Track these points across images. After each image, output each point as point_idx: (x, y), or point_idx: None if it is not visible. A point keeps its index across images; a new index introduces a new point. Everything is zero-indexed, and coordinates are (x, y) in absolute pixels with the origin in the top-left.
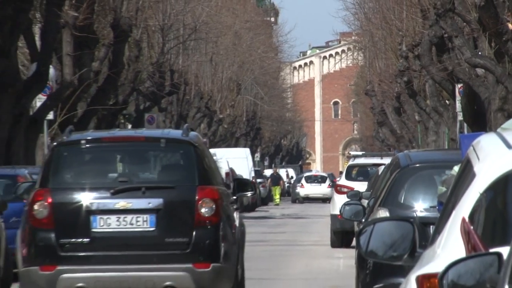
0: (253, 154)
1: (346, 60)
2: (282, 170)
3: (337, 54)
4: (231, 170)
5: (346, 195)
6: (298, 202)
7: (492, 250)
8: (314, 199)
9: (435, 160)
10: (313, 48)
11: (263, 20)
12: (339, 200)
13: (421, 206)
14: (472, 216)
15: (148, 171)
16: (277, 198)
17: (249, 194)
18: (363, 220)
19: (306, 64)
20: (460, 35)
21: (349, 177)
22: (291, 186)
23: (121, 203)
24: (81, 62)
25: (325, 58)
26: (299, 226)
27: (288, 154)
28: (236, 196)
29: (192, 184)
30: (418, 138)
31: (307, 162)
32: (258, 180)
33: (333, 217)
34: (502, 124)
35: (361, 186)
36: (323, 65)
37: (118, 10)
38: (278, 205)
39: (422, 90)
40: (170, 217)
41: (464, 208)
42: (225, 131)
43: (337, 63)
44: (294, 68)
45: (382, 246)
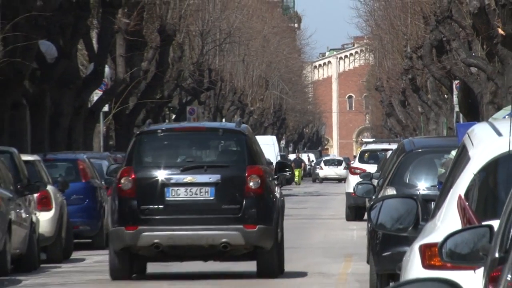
0: (279, 141)
1: (359, 60)
2: (304, 155)
3: (351, 55)
4: None
5: (359, 176)
6: (317, 181)
7: (484, 223)
8: (332, 179)
9: (435, 145)
10: (330, 50)
11: (288, 26)
12: (353, 180)
13: (423, 185)
14: (467, 193)
15: (209, 154)
16: (297, 178)
17: (287, 174)
18: (374, 197)
19: (324, 63)
20: (456, 39)
21: (361, 160)
22: (312, 168)
23: (188, 178)
24: (132, 62)
25: (341, 58)
26: (318, 202)
27: (309, 141)
28: (277, 175)
29: (242, 164)
30: (420, 127)
31: (326, 147)
32: (275, 163)
33: (347, 194)
34: (493, 115)
35: (372, 168)
36: (339, 64)
37: (164, 18)
38: (299, 184)
39: (424, 86)
40: (226, 189)
41: (460, 187)
42: (255, 122)
43: (351, 63)
44: (314, 67)
45: (389, 220)
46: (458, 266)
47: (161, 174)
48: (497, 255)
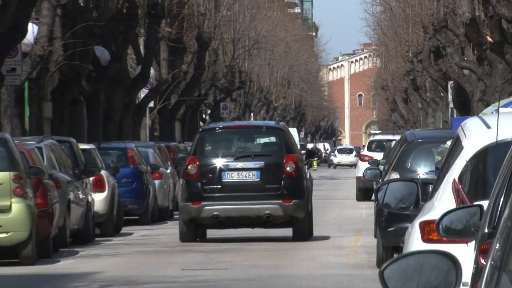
0: (299, 132)
1: (367, 63)
2: (320, 144)
3: (361, 59)
4: None
5: (367, 162)
6: (332, 167)
7: (475, 203)
8: (344, 165)
9: (433, 136)
10: (343, 54)
11: (307, 34)
12: (362, 166)
13: (422, 171)
14: (460, 178)
15: (255, 146)
16: (314, 164)
17: (315, 159)
18: (380, 180)
19: (338, 66)
20: (451, 45)
21: (369, 149)
22: (327, 155)
23: (239, 164)
24: (173, 65)
25: (352, 62)
26: (333, 185)
27: (325, 132)
28: (307, 160)
29: (281, 153)
30: (420, 120)
31: (339, 138)
32: (302, 151)
33: (357, 178)
34: (482, 110)
35: (378, 156)
36: (351, 67)
37: (201, 27)
38: (315, 170)
39: (423, 86)
40: (268, 172)
41: (454, 172)
42: (278, 116)
43: (361, 66)
44: (329, 69)
45: (394, 200)
46: (453, 240)
47: (219, 162)
48: (486, 231)
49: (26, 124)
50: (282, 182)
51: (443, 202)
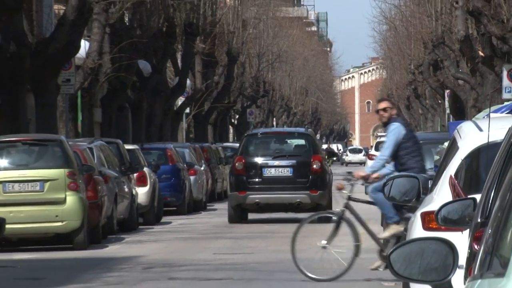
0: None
1: (375, 75)
2: (334, 145)
3: (369, 71)
4: None
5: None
6: (344, 165)
7: (469, 196)
8: (354, 163)
9: (432, 138)
10: (354, 67)
11: (322, 49)
12: (371, 164)
13: None
14: (456, 174)
15: (288, 147)
16: (330, 162)
17: (334, 159)
18: (386, 176)
19: (349, 77)
20: (448, 59)
21: (377, 149)
22: (340, 155)
23: (276, 162)
24: (206, 76)
25: (361, 73)
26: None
27: (338, 134)
28: (328, 159)
29: (309, 153)
30: (420, 124)
31: (350, 139)
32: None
33: None
34: (475, 115)
35: None
36: (360, 78)
37: (230, 43)
38: (330, 167)
39: (423, 94)
40: (299, 169)
41: (451, 169)
42: (297, 120)
43: (369, 77)
44: (342, 80)
45: (398, 193)
46: (450, 228)
47: (260, 160)
48: (479, 220)
49: (79, 127)
50: (310, 176)
51: (441, 196)
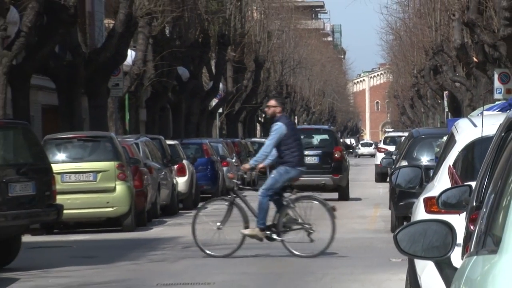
0: None
1: (383, 78)
2: (348, 140)
3: (378, 75)
4: None
5: (383, 153)
6: (357, 157)
7: (465, 184)
8: (366, 155)
9: (433, 133)
10: (364, 72)
11: (337, 56)
12: (380, 156)
13: (425, 159)
14: (454, 164)
15: (316, 140)
16: None
17: (351, 150)
18: (393, 167)
19: (360, 81)
20: (446, 64)
21: (385, 143)
22: (353, 148)
23: (306, 152)
24: (237, 80)
25: (371, 77)
26: (357, 170)
27: (351, 130)
28: (345, 150)
29: (332, 145)
30: (423, 121)
31: (362, 134)
32: None
33: (376, 165)
34: (470, 113)
35: (392, 148)
36: (370, 81)
37: (257, 52)
38: None
39: (425, 95)
40: (324, 157)
41: (450, 160)
42: (315, 118)
43: (378, 80)
44: (354, 83)
45: (404, 181)
46: (449, 211)
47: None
48: (474, 204)
49: (126, 125)
50: (332, 163)
51: (441, 183)
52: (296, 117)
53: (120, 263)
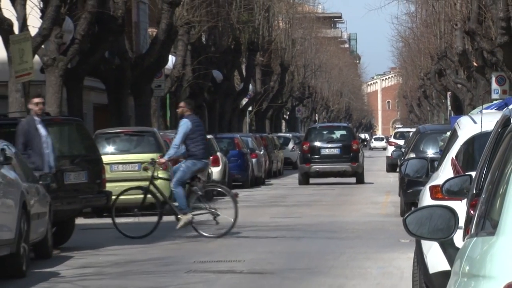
0: None
1: (393, 80)
2: (362, 135)
3: (389, 78)
4: None
5: (394, 146)
6: (370, 150)
7: (466, 173)
8: (378, 148)
9: (437, 129)
10: (377, 75)
11: (353, 61)
12: (390, 149)
13: (431, 152)
14: (456, 156)
15: (337, 135)
16: None
17: (365, 144)
18: (402, 158)
19: (373, 83)
20: (449, 68)
21: (395, 137)
22: (367, 142)
23: (329, 145)
24: (264, 82)
25: (383, 80)
26: (370, 161)
27: (365, 126)
28: (361, 144)
29: (350, 139)
30: (428, 118)
31: (374, 130)
32: None
33: (387, 157)
34: (471, 111)
35: (401, 142)
36: (382, 83)
37: (283, 57)
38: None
39: (430, 95)
40: (344, 149)
41: (453, 152)
42: (334, 116)
43: (389, 82)
44: (368, 85)
45: (412, 171)
46: (452, 198)
47: (318, 144)
48: (474, 192)
49: (167, 122)
50: (351, 154)
51: (445, 173)
52: (317, 114)
53: (161, 243)
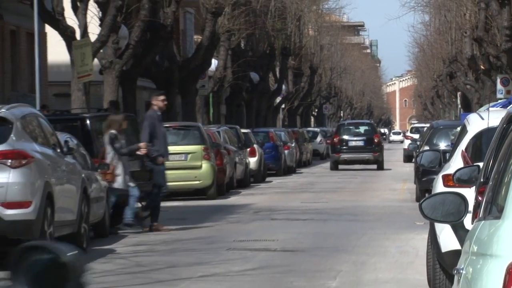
0: None
1: (410, 82)
2: (382, 129)
3: (406, 79)
4: None
5: (410, 140)
6: (389, 143)
7: (475, 164)
8: (396, 141)
9: (449, 125)
10: (395, 77)
11: (374, 65)
12: (407, 142)
13: (443, 145)
14: (466, 149)
15: (361, 130)
16: None
17: (384, 137)
18: (418, 151)
19: (392, 84)
20: (459, 71)
21: (411, 132)
22: (386, 136)
23: (355, 138)
24: (296, 83)
25: (400, 81)
26: (389, 153)
27: (384, 122)
28: (381, 136)
29: (373, 133)
30: (440, 115)
31: (393, 125)
32: None
33: (404, 149)
34: (479, 109)
35: (416, 136)
36: (400, 84)
37: (312, 61)
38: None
39: (442, 95)
40: (367, 141)
41: (463, 145)
42: (357, 113)
43: (406, 83)
44: (387, 85)
45: (426, 161)
46: (462, 185)
47: (346, 137)
48: (482, 180)
49: (210, 117)
50: (373, 145)
51: (456, 163)
52: (342, 111)
53: (204, 224)
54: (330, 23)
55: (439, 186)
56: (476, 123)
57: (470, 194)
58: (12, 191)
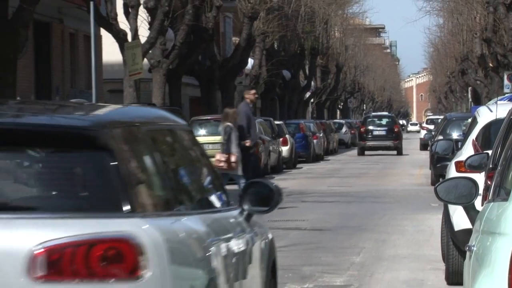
0: None
1: (425, 78)
2: (401, 121)
3: (422, 76)
4: None
5: (426, 130)
6: (407, 133)
7: (484, 152)
8: (413, 132)
9: (461, 116)
10: (412, 74)
11: (394, 63)
12: (423, 132)
13: (455, 134)
14: (476, 138)
15: (384, 121)
16: None
17: (403, 128)
18: (433, 139)
19: (409, 80)
20: (470, 68)
21: (427, 123)
22: (404, 126)
23: (378, 128)
24: (323, 79)
25: (417, 77)
26: (407, 142)
27: (403, 114)
28: (399, 128)
29: (393, 124)
30: (453, 108)
31: (410, 117)
32: None
33: (420, 138)
34: (487, 103)
35: (431, 127)
36: (416, 80)
37: (338, 59)
38: None
39: (455, 90)
40: (389, 131)
41: (473, 135)
42: (378, 106)
43: (422, 79)
44: (405, 81)
45: (440, 149)
46: (473, 171)
47: (371, 127)
48: (491, 166)
49: None
50: (393, 134)
51: (467, 151)
52: (364, 105)
53: None
54: (354, 26)
55: (452, 172)
56: (485, 115)
57: (480, 178)
58: None
